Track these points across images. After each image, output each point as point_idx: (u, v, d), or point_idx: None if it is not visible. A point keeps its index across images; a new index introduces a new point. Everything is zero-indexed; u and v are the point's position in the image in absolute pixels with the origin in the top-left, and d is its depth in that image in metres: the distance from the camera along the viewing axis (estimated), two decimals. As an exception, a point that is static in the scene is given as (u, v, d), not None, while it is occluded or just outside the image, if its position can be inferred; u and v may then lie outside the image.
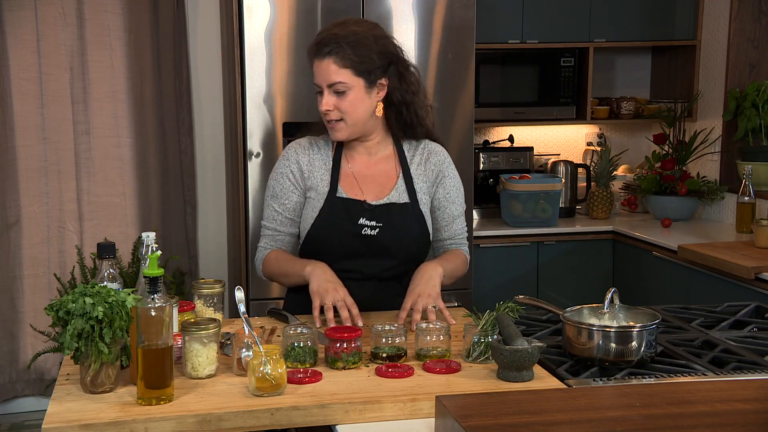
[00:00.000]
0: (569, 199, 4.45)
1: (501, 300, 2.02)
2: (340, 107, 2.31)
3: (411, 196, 2.42)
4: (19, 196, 4.16)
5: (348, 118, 2.33)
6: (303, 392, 1.81)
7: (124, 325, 1.79)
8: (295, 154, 2.44)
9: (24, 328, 4.22)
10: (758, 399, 1.59)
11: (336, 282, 2.26)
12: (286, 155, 2.46)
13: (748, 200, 3.89)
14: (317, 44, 2.31)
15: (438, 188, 2.47)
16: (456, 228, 2.50)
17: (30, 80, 4.12)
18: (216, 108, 4.38)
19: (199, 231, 4.43)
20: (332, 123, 2.34)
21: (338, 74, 2.29)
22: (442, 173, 2.47)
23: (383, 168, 2.44)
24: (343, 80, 2.29)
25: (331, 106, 2.31)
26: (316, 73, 2.32)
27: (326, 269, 2.29)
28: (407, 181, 2.43)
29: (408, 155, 2.46)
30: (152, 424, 1.69)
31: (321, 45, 2.30)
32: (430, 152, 2.47)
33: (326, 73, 2.30)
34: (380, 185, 2.42)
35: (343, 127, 2.34)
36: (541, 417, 1.49)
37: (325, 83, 2.31)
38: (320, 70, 2.31)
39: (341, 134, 2.36)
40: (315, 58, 2.32)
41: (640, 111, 4.65)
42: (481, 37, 3.97)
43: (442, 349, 2.01)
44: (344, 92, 2.30)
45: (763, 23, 4.21)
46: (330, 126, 2.35)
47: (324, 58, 2.29)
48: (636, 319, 2.00)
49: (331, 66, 2.29)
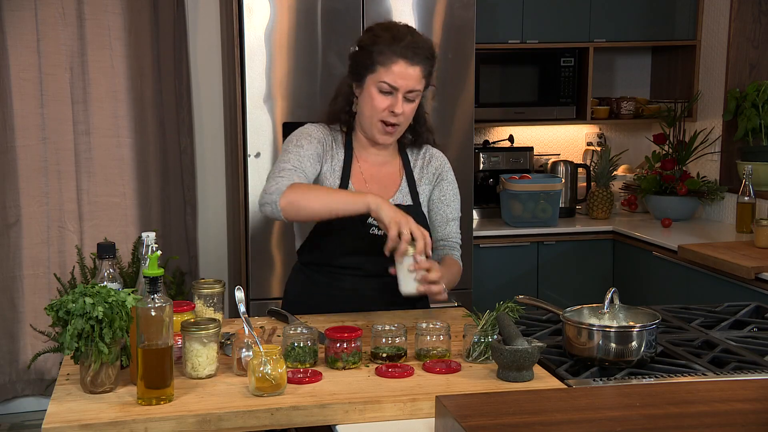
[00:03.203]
0: (569, 199, 4.45)
1: (501, 300, 2.02)
2: (406, 113, 2.33)
3: (414, 198, 2.44)
4: (19, 196, 4.16)
5: (404, 124, 2.36)
6: (303, 392, 1.81)
7: (124, 325, 1.79)
8: (319, 134, 2.39)
9: (24, 328, 4.22)
10: (758, 399, 1.59)
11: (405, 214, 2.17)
12: (312, 134, 2.39)
13: (748, 200, 3.89)
14: (408, 49, 2.28)
15: (435, 189, 2.48)
16: (450, 230, 2.50)
17: (30, 80, 4.12)
18: (216, 108, 4.38)
19: (199, 231, 4.43)
20: (389, 126, 2.34)
21: (420, 83, 2.31)
22: (440, 176, 2.49)
23: (389, 170, 2.45)
24: (420, 89, 2.32)
25: (402, 110, 2.31)
26: (398, 75, 2.28)
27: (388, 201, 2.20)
28: (410, 184, 2.44)
29: (411, 159, 2.48)
30: (152, 424, 1.69)
31: (414, 52, 2.28)
32: (431, 156, 2.50)
33: (412, 79, 2.29)
34: (385, 186, 2.42)
35: (397, 132, 2.37)
36: (541, 417, 1.49)
37: (405, 88, 2.29)
38: (406, 74, 2.28)
39: (392, 138, 2.38)
40: (401, 61, 2.28)
41: (640, 111, 4.65)
42: (481, 37, 3.97)
43: (442, 349, 2.01)
44: (413, 100, 2.33)
45: (763, 23, 4.21)
46: (386, 128, 2.34)
47: (414, 65, 2.28)
48: (636, 319, 2.00)
49: (418, 74, 2.29)
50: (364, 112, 2.35)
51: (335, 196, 2.22)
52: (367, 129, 2.37)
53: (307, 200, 2.18)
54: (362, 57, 2.33)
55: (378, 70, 2.29)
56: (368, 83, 2.32)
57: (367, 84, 2.32)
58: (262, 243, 3.71)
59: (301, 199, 2.18)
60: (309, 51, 3.65)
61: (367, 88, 2.32)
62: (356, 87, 2.38)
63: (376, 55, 2.29)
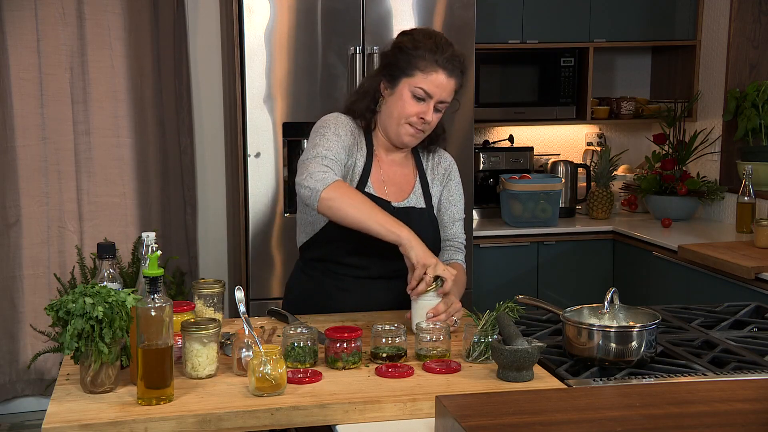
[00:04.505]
0: (569, 199, 4.45)
1: (501, 300, 2.02)
2: (433, 121, 2.34)
3: (427, 201, 2.45)
4: (19, 196, 4.16)
5: (428, 132, 2.38)
6: (303, 392, 1.81)
7: (124, 325, 1.79)
8: (352, 126, 2.38)
9: (24, 328, 4.22)
10: (758, 399, 1.59)
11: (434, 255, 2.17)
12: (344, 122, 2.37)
13: (748, 200, 3.89)
14: (450, 61, 2.29)
15: (443, 190, 2.50)
16: (455, 230, 2.51)
17: (30, 80, 4.12)
18: (216, 108, 4.38)
19: (199, 231, 4.43)
20: (415, 131, 2.34)
21: (451, 96, 2.34)
22: (449, 176, 2.51)
23: (404, 171, 2.46)
24: (449, 102, 2.34)
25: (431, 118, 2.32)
26: (435, 84, 2.28)
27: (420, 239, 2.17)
28: (423, 185, 2.46)
29: (423, 159, 2.50)
30: (152, 424, 1.69)
31: (454, 65, 2.30)
32: (440, 158, 2.52)
33: (448, 91, 2.31)
34: (400, 187, 2.43)
35: (421, 137, 2.38)
36: (541, 417, 1.49)
37: (438, 98, 2.30)
38: (444, 86, 2.29)
39: (416, 142, 2.39)
40: (441, 72, 2.28)
41: (640, 111, 4.65)
42: (481, 37, 3.97)
43: (442, 349, 2.01)
44: (441, 111, 2.35)
45: (763, 23, 4.21)
46: (411, 133, 2.34)
47: (452, 77, 2.30)
48: (636, 319, 2.00)
49: (453, 87, 2.32)
50: (393, 113, 2.34)
51: (373, 215, 2.16)
52: (392, 130, 2.36)
53: (347, 206, 2.16)
54: (400, 59, 2.31)
55: (416, 75, 2.29)
56: (402, 86, 2.31)
57: (401, 86, 2.31)
58: (262, 243, 3.71)
59: (342, 202, 2.16)
60: (309, 51, 3.65)
61: (400, 90, 2.31)
62: (385, 87, 2.35)
63: (418, 60, 2.29)
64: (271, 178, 3.68)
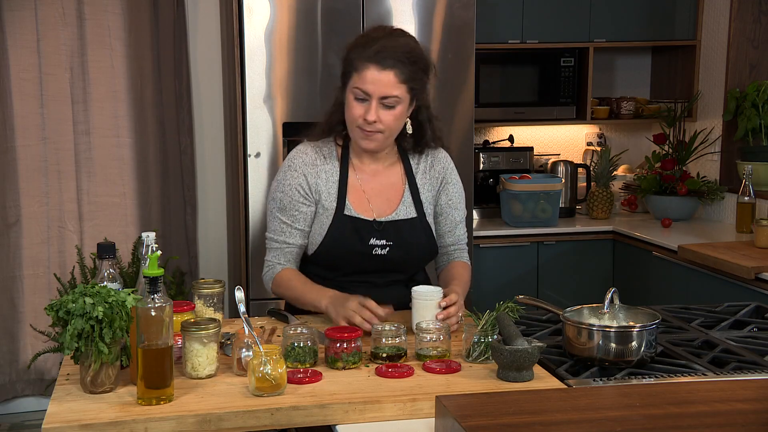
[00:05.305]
0: (569, 199, 4.45)
1: (501, 300, 2.02)
2: (385, 120, 2.26)
3: (418, 208, 2.41)
4: (19, 196, 4.16)
5: (388, 131, 2.29)
6: (303, 392, 1.81)
7: (124, 325, 1.79)
8: (302, 165, 2.37)
9: (24, 328, 4.22)
10: (758, 399, 1.59)
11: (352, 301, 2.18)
12: (293, 166, 2.38)
13: (748, 200, 3.89)
14: (378, 53, 2.23)
15: (441, 194, 2.46)
16: (458, 234, 2.50)
17: (30, 80, 4.12)
18: (216, 108, 4.38)
19: (199, 231, 4.43)
20: (368, 132, 2.28)
21: (396, 88, 2.24)
22: (445, 179, 2.46)
23: (390, 180, 2.42)
24: (398, 95, 2.25)
25: (377, 117, 2.25)
26: (370, 81, 2.23)
27: (339, 298, 2.23)
28: (413, 193, 2.41)
29: (413, 164, 2.44)
30: (152, 424, 1.69)
31: (383, 56, 2.23)
32: (434, 158, 2.46)
33: (385, 85, 2.23)
34: (387, 199, 2.40)
35: (379, 139, 2.30)
36: (541, 417, 1.49)
37: (378, 94, 2.24)
38: (377, 80, 2.23)
39: (374, 145, 2.32)
40: (371, 66, 2.23)
41: (640, 111, 4.65)
42: (481, 37, 3.97)
43: (442, 349, 2.01)
44: (393, 106, 2.26)
45: (763, 23, 4.21)
46: (364, 134, 2.29)
47: (385, 69, 2.22)
48: (636, 319, 2.00)
49: (391, 79, 2.23)
50: (347, 120, 2.32)
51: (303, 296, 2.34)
52: (352, 137, 2.34)
53: (286, 295, 2.40)
54: (343, 65, 2.31)
55: (353, 77, 2.26)
56: (348, 91, 2.29)
57: (347, 91, 2.29)
58: (262, 243, 3.69)
59: (284, 292, 2.40)
60: (309, 51, 3.65)
61: (347, 95, 2.29)
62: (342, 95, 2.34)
63: (352, 62, 2.27)
64: (272, 178, 3.67)
